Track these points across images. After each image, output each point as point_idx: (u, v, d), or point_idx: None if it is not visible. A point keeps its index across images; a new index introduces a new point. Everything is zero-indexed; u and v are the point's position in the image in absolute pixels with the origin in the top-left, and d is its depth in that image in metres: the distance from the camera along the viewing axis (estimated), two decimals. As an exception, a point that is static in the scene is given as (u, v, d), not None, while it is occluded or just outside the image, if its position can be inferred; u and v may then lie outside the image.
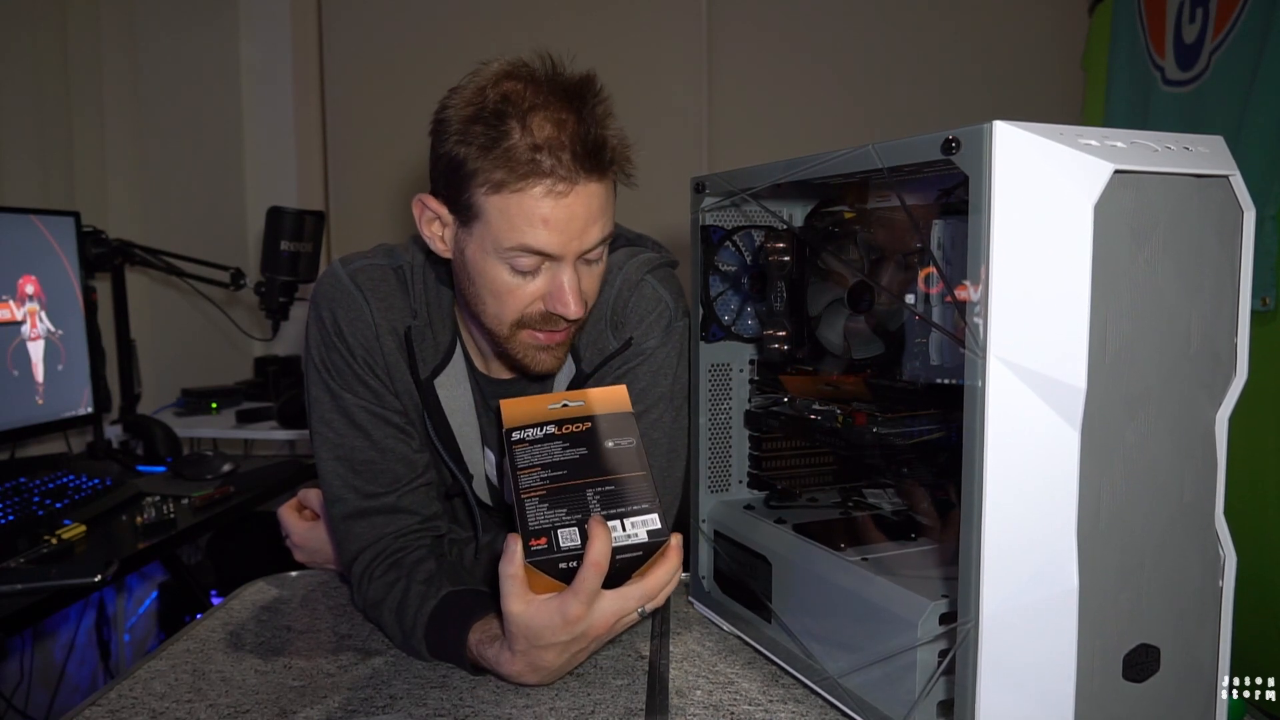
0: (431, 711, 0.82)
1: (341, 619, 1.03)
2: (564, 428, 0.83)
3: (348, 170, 2.84)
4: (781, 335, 0.94)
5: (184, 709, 0.82)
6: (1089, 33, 2.49)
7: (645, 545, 0.77)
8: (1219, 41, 1.91)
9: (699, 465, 1.03)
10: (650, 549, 0.77)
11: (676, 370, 1.04)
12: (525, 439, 0.82)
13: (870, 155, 0.69)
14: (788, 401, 1.00)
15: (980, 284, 0.59)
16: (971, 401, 0.60)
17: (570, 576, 0.76)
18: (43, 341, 1.71)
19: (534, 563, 0.75)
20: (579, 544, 0.75)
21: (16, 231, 1.67)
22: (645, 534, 0.77)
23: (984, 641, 0.60)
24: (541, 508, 0.78)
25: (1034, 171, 0.59)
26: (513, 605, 0.76)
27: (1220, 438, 0.67)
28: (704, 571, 1.03)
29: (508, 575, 0.76)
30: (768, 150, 1.00)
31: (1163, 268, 0.63)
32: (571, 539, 0.76)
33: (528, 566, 0.75)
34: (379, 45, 2.79)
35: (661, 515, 0.78)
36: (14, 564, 1.26)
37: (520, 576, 0.76)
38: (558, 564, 0.76)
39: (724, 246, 1.01)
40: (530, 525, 0.77)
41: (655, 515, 0.78)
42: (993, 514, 0.60)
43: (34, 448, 1.96)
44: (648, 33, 2.73)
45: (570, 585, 0.76)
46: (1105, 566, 0.62)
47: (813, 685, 0.82)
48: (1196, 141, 0.65)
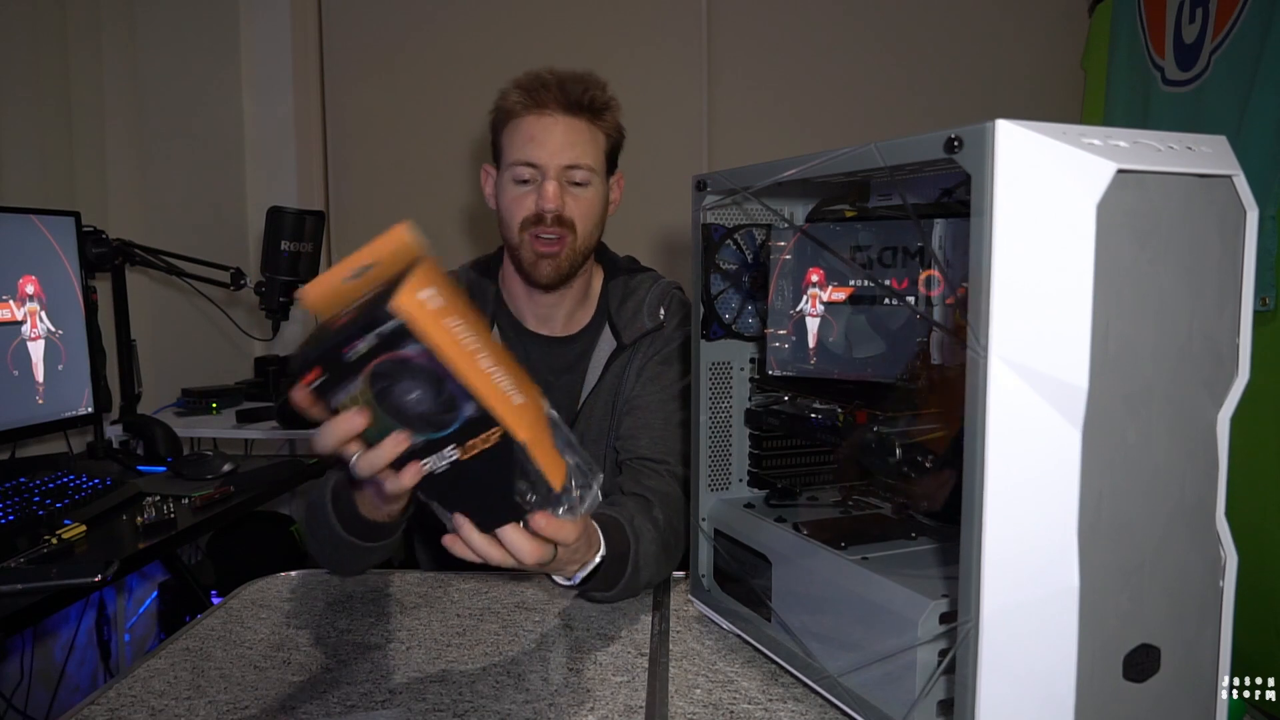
0: (430, 706, 0.82)
1: (340, 615, 1.03)
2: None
3: (348, 170, 2.84)
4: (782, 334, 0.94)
5: (183, 706, 0.82)
6: (1089, 33, 2.49)
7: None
8: (1219, 41, 1.91)
9: (699, 464, 1.03)
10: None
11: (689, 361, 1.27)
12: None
13: (872, 154, 0.69)
14: (788, 400, 1.01)
15: (982, 283, 0.59)
16: (972, 401, 0.60)
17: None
18: (43, 341, 1.71)
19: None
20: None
21: (16, 231, 1.67)
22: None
23: (984, 641, 0.60)
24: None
25: (1036, 170, 0.59)
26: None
27: (1222, 438, 0.67)
28: (704, 570, 1.03)
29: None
30: (768, 150, 1.02)
31: (1165, 267, 0.63)
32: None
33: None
34: (379, 45, 2.79)
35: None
36: (14, 564, 1.26)
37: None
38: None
39: (725, 245, 1.01)
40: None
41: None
42: (993, 513, 0.60)
43: (34, 448, 1.96)
44: (648, 33, 2.73)
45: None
46: (1105, 566, 0.62)
47: (812, 684, 0.82)
48: (1199, 141, 0.65)
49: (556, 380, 1.31)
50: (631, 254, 1.42)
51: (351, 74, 2.80)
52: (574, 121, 1.21)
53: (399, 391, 0.69)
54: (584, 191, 1.23)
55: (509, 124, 1.22)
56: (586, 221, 1.24)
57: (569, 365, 1.31)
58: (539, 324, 1.32)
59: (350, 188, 2.83)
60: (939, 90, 2.73)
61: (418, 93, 2.76)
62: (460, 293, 0.72)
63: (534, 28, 2.74)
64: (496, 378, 0.71)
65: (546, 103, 1.19)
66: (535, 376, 1.25)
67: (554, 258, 1.23)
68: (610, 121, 1.25)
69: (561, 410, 1.29)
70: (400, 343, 0.66)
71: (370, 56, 2.79)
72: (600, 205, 1.26)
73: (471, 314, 0.72)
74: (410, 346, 0.66)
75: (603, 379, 1.28)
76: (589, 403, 1.28)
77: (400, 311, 0.64)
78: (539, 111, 1.20)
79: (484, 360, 0.70)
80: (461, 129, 2.74)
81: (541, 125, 1.20)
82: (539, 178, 1.21)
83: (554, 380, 1.31)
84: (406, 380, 0.69)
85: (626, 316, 1.30)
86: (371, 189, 2.82)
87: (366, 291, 0.72)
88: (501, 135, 1.25)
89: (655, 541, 1.05)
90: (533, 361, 1.31)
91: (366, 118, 2.81)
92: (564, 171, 1.21)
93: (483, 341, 0.70)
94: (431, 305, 0.66)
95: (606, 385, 1.28)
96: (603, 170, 1.25)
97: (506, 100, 1.23)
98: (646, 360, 1.28)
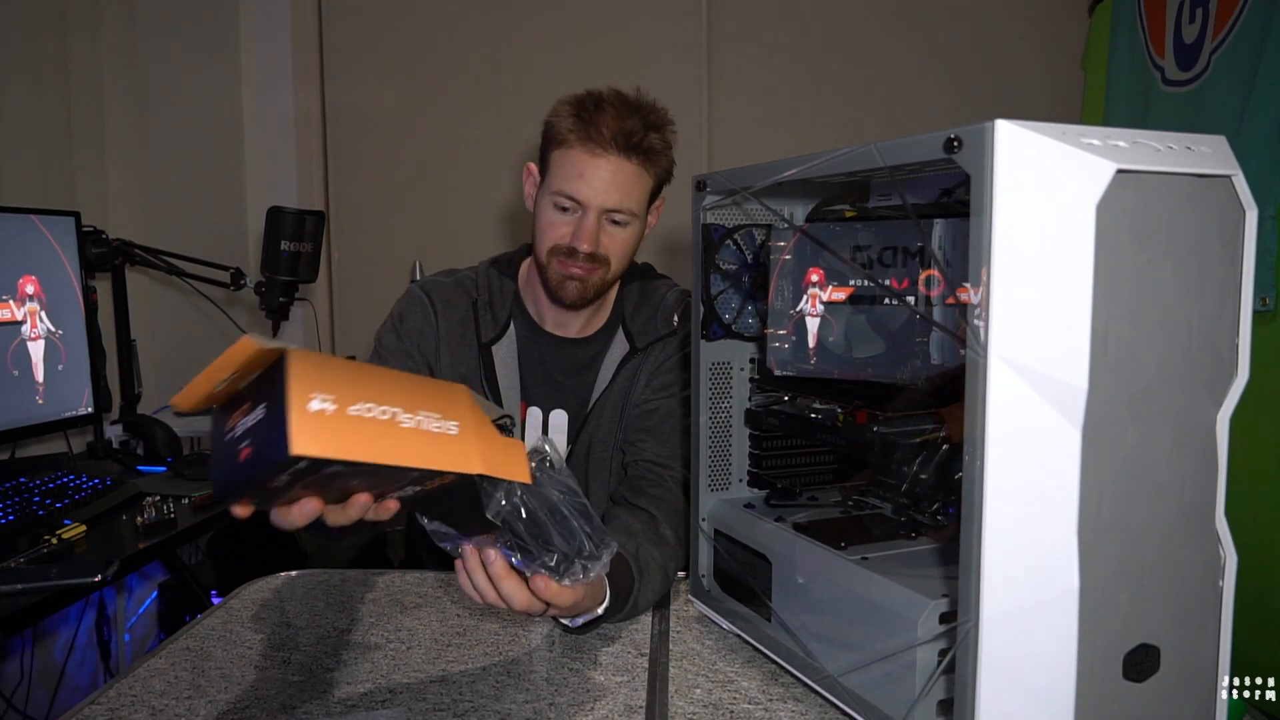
0: (431, 706, 0.82)
1: (341, 615, 1.03)
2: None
3: (348, 170, 2.83)
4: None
5: (184, 706, 0.82)
6: (1089, 33, 2.49)
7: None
8: (1219, 41, 1.91)
9: (699, 464, 1.03)
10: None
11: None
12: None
13: (872, 154, 0.69)
14: (788, 400, 1.01)
15: (982, 283, 0.59)
16: (972, 401, 0.60)
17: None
18: (43, 341, 1.71)
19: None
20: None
21: (16, 231, 1.67)
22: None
23: (984, 641, 0.60)
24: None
25: (1036, 170, 0.59)
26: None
27: (1221, 438, 0.67)
28: (704, 570, 1.03)
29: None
30: (768, 150, 1.02)
31: (1164, 267, 0.63)
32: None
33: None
34: (379, 45, 2.79)
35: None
36: (14, 564, 1.26)
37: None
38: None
39: (725, 245, 1.01)
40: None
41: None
42: (993, 513, 0.60)
43: (34, 448, 1.95)
44: (648, 33, 2.73)
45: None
46: (1105, 566, 0.62)
47: (812, 684, 0.82)
48: (1199, 141, 0.65)
49: (568, 381, 1.32)
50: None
51: (351, 73, 2.80)
52: (624, 164, 1.17)
53: (340, 485, 0.68)
54: (622, 231, 1.22)
55: (558, 149, 1.19)
56: (621, 259, 1.24)
57: (581, 366, 1.32)
58: (555, 326, 1.33)
59: (350, 188, 2.83)
60: (939, 90, 2.73)
61: (418, 92, 2.76)
62: (330, 360, 0.66)
63: (534, 28, 2.74)
64: (425, 427, 0.66)
65: (600, 140, 1.16)
66: (547, 376, 1.30)
67: (581, 282, 1.23)
68: (663, 163, 1.22)
69: (571, 410, 1.30)
70: (320, 468, 0.62)
71: (370, 56, 2.79)
72: (636, 240, 1.25)
73: (361, 367, 0.68)
74: (330, 466, 0.62)
75: (614, 382, 1.29)
76: (599, 405, 1.29)
77: (303, 454, 0.58)
78: (590, 148, 1.16)
79: (404, 419, 0.65)
80: (462, 128, 2.74)
81: (591, 164, 1.16)
82: (579, 210, 1.19)
83: (565, 381, 1.32)
84: (343, 480, 0.67)
85: (641, 321, 1.31)
86: (371, 189, 2.82)
87: (245, 389, 0.66)
88: (550, 155, 1.21)
89: (660, 570, 1.04)
90: (546, 362, 1.32)
91: (367, 117, 2.81)
92: (605, 212, 1.19)
93: (389, 390, 0.66)
94: (328, 416, 0.61)
95: (617, 388, 1.29)
96: (644, 209, 1.23)
97: (560, 122, 1.19)
98: (658, 365, 1.29)
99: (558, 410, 1.31)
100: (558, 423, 1.31)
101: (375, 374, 0.68)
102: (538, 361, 1.32)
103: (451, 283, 1.33)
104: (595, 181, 1.17)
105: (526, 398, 1.31)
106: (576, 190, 1.17)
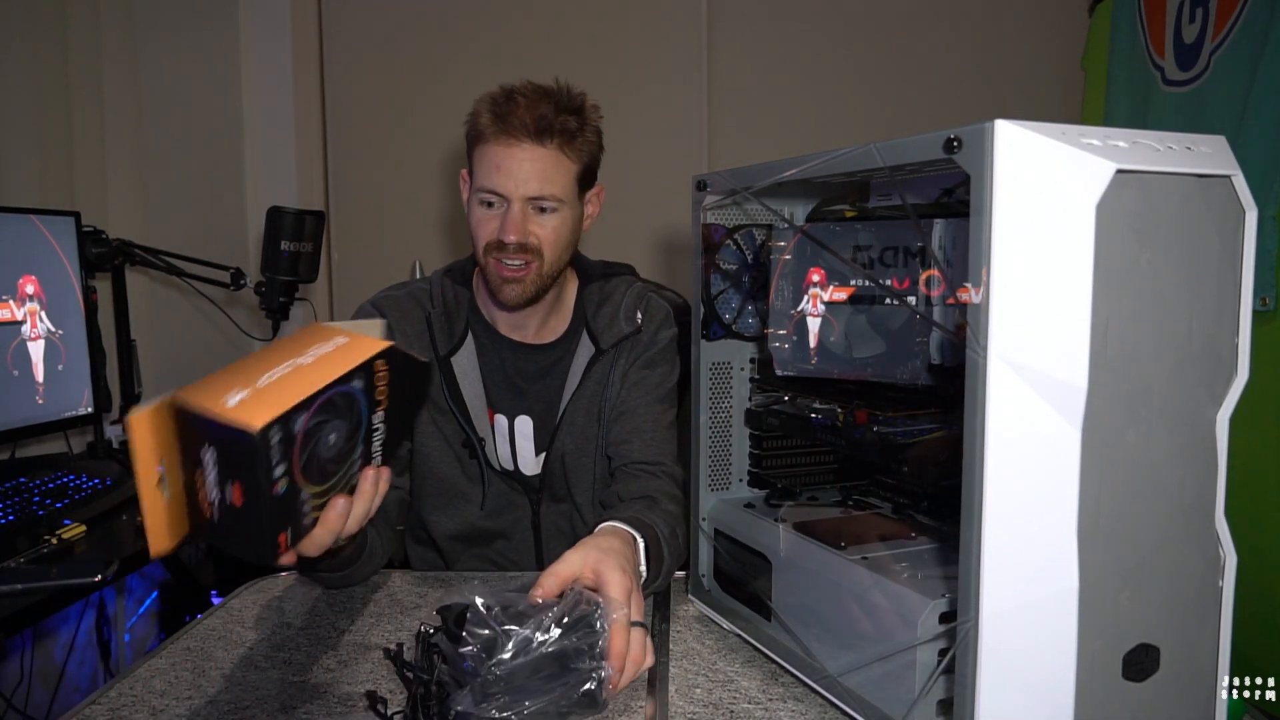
0: (432, 710, 0.82)
1: (341, 616, 1.03)
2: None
3: (348, 170, 2.83)
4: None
5: (184, 706, 0.82)
6: (1089, 33, 2.49)
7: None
8: (1219, 41, 1.91)
9: (699, 463, 1.03)
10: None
11: (674, 361, 1.31)
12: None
13: (872, 154, 0.69)
14: (788, 400, 1.01)
15: (982, 283, 0.59)
16: (972, 401, 0.60)
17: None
18: (43, 341, 1.71)
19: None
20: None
21: (16, 231, 1.67)
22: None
23: (984, 641, 0.60)
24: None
25: (1036, 170, 0.59)
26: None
27: (1221, 438, 0.67)
28: (704, 570, 1.03)
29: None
30: (768, 150, 1.02)
31: (1164, 267, 0.63)
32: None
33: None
34: (379, 45, 2.79)
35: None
36: (14, 564, 1.26)
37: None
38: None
39: (725, 245, 1.01)
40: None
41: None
42: (993, 513, 0.60)
43: (34, 448, 1.95)
44: (648, 33, 2.73)
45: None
46: (1105, 566, 0.62)
47: (812, 684, 0.82)
48: (1199, 141, 0.65)
49: (530, 386, 1.30)
50: (631, 254, 1.41)
51: (351, 74, 2.80)
52: (542, 151, 1.16)
53: (320, 455, 0.76)
54: (551, 218, 1.20)
55: (479, 146, 1.20)
56: (554, 247, 1.21)
57: (545, 371, 1.30)
58: (511, 330, 1.30)
59: (350, 188, 2.82)
60: (939, 90, 2.73)
61: (418, 92, 2.76)
62: (213, 375, 0.77)
63: (534, 28, 2.74)
64: (320, 353, 0.78)
65: (514, 130, 1.15)
66: (509, 382, 1.30)
67: (519, 282, 1.21)
68: (583, 145, 1.20)
69: (537, 417, 1.29)
70: (289, 439, 0.71)
71: (370, 56, 2.79)
72: (570, 228, 1.23)
73: (242, 361, 0.79)
74: (293, 424, 0.71)
75: (583, 385, 1.27)
76: (570, 409, 1.27)
77: (261, 424, 0.67)
78: (506, 140, 1.16)
79: (302, 361, 0.77)
80: (462, 128, 2.74)
81: (508, 154, 1.16)
82: (504, 203, 1.18)
83: (527, 387, 1.30)
84: (320, 448, 0.76)
85: (603, 322, 1.29)
86: (371, 189, 2.82)
87: (184, 460, 0.73)
88: (473, 154, 1.22)
89: (668, 526, 1.04)
90: (506, 368, 1.30)
91: (367, 117, 2.81)
92: (529, 201, 1.18)
93: (273, 359, 0.77)
94: (249, 398, 0.71)
95: (588, 391, 1.27)
96: (573, 194, 1.21)
97: (478, 120, 1.19)
98: (630, 365, 1.27)
99: (522, 417, 1.29)
100: (523, 429, 1.29)
101: (257, 357, 0.79)
102: (499, 368, 1.30)
103: (404, 295, 1.31)
104: (515, 171, 1.16)
105: (492, 405, 1.30)
106: (497, 183, 1.17)
